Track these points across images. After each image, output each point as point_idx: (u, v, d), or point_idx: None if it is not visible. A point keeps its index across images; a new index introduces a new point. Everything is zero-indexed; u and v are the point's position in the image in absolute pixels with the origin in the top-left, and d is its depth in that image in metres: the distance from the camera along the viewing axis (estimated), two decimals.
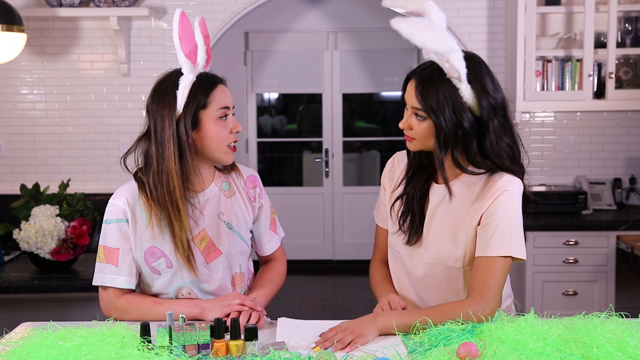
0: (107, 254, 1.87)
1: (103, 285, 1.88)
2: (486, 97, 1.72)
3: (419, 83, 1.73)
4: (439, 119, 1.70)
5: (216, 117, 1.82)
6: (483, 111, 1.72)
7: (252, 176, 2.01)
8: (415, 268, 1.87)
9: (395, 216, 1.90)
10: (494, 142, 1.74)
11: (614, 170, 4.40)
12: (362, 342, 1.61)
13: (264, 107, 6.74)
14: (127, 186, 1.90)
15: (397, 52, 6.24)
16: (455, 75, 1.68)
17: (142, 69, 4.36)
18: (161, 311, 1.82)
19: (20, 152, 4.45)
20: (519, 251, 1.74)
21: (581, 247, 3.85)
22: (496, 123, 1.73)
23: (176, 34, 1.82)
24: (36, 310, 3.09)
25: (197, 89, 1.81)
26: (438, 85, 1.70)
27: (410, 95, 1.75)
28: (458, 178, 1.82)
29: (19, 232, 2.92)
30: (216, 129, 1.82)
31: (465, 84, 1.70)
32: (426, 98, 1.71)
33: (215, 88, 1.84)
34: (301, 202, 6.49)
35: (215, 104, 1.82)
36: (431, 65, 1.74)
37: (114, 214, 1.87)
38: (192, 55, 1.83)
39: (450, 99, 1.70)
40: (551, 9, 4.15)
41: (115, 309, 1.87)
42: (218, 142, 1.83)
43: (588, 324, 1.57)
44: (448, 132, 1.71)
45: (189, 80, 1.82)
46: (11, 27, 3.64)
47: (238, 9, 4.26)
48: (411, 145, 1.81)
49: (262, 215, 2.02)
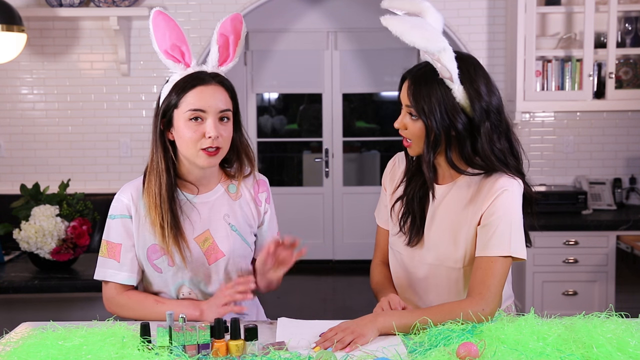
0: (109, 248, 1.87)
1: (105, 279, 1.88)
2: (478, 99, 1.71)
3: (412, 83, 1.73)
4: (429, 120, 1.70)
5: (185, 118, 1.78)
6: (475, 113, 1.71)
7: (261, 180, 2.00)
8: (416, 269, 1.87)
9: (396, 217, 1.90)
10: (485, 145, 1.73)
11: (614, 170, 4.40)
12: (362, 342, 1.60)
13: (264, 107, 6.74)
14: (133, 182, 1.91)
15: (397, 52, 6.24)
16: (447, 76, 1.68)
17: (142, 69, 4.36)
18: (162, 310, 1.82)
19: (20, 152, 4.45)
20: (519, 251, 1.74)
21: (581, 247, 3.85)
22: (487, 126, 1.72)
23: (151, 33, 1.82)
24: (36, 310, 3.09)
25: (176, 88, 1.81)
26: (430, 86, 1.70)
27: (404, 95, 1.76)
28: (457, 179, 1.82)
29: (19, 232, 2.92)
30: (185, 131, 1.79)
31: (457, 85, 1.69)
32: (418, 98, 1.71)
33: (192, 89, 1.79)
34: (301, 202, 6.49)
35: (185, 104, 1.79)
36: (426, 66, 1.74)
37: (118, 209, 1.88)
38: (174, 52, 1.82)
39: (443, 100, 1.70)
40: (551, 9, 4.15)
41: (117, 305, 1.88)
42: (187, 144, 1.80)
43: (588, 324, 1.57)
44: (438, 134, 1.71)
45: (174, 78, 1.83)
46: (11, 27, 3.64)
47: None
48: (411, 150, 1.81)
49: (268, 220, 2.01)
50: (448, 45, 1.64)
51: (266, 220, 2.01)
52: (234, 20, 1.89)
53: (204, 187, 1.90)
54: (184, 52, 1.84)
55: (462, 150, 1.74)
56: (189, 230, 1.86)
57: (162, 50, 1.83)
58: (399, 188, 1.91)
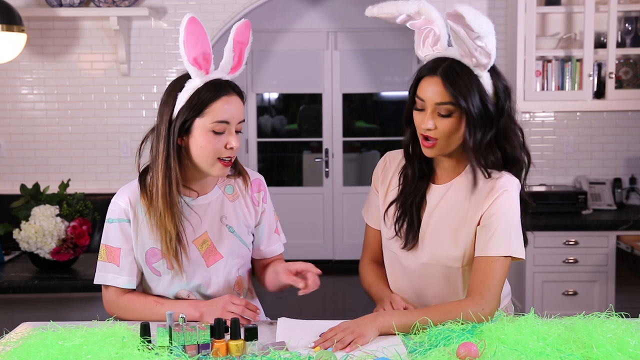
0: (108, 252, 1.87)
1: (105, 284, 1.88)
2: (500, 80, 1.75)
3: (444, 76, 1.71)
4: (469, 106, 1.69)
5: (209, 129, 1.76)
6: (500, 95, 1.75)
7: (257, 180, 1.99)
8: (412, 268, 1.86)
9: (390, 222, 1.88)
10: (508, 125, 1.76)
11: (614, 170, 4.40)
12: (362, 342, 1.60)
13: (264, 107, 6.74)
14: (129, 186, 1.90)
15: (397, 52, 6.24)
16: (484, 62, 1.69)
17: (142, 69, 4.36)
18: (162, 311, 1.82)
19: (20, 152, 4.45)
20: (519, 251, 1.74)
21: (581, 247, 3.85)
22: (508, 106, 1.76)
23: (181, 39, 1.76)
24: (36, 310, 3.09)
25: (198, 96, 1.76)
26: (463, 75, 1.71)
27: (431, 92, 1.72)
28: (456, 178, 1.82)
29: (19, 232, 2.92)
30: (206, 140, 1.76)
31: (486, 72, 1.72)
32: (456, 88, 1.70)
33: (217, 100, 1.76)
34: (301, 202, 6.49)
35: (211, 115, 1.76)
36: (445, 61, 1.73)
37: (116, 213, 1.87)
38: (201, 60, 1.77)
39: (476, 87, 1.71)
40: (551, 9, 4.15)
41: (117, 308, 1.88)
42: (206, 154, 1.78)
43: (588, 324, 1.57)
44: (476, 120, 1.71)
45: (194, 85, 1.78)
46: (11, 27, 3.64)
47: (238, 9, 4.26)
48: (432, 151, 1.77)
49: (265, 220, 2.01)
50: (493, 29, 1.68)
51: (263, 220, 2.00)
52: (248, 28, 1.87)
53: (200, 190, 1.90)
54: (209, 60, 1.80)
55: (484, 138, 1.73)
56: (188, 233, 1.86)
57: (190, 57, 1.76)
58: (391, 191, 1.90)
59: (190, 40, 1.76)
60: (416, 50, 1.84)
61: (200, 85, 1.77)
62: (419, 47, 1.83)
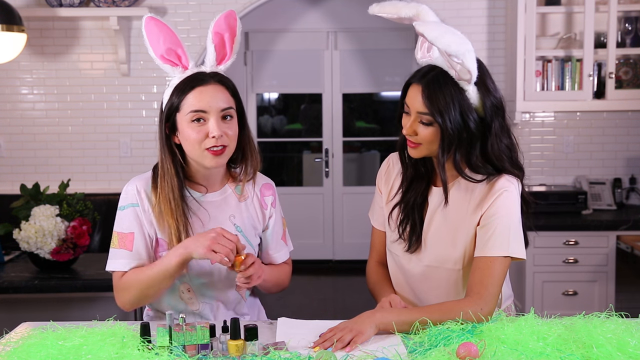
0: (120, 239, 1.87)
1: (115, 270, 1.87)
2: (489, 97, 1.72)
3: (426, 87, 1.70)
4: (445, 122, 1.68)
5: (188, 120, 1.79)
6: (487, 111, 1.72)
7: (267, 184, 2.01)
8: (415, 270, 1.86)
9: (394, 224, 1.89)
10: (494, 143, 1.74)
11: (614, 170, 4.40)
12: (362, 339, 1.60)
13: (264, 107, 6.74)
14: (141, 175, 1.92)
15: (397, 52, 6.24)
16: (467, 77, 1.67)
17: (142, 69, 4.36)
18: (154, 272, 1.79)
19: (20, 152, 4.45)
20: (518, 251, 1.74)
21: (581, 247, 3.85)
22: (497, 124, 1.74)
23: (145, 40, 1.82)
24: (36, 310, 3.08)
25: (175, 92, 1.81)
26: (445, 88, 1.69)
27: (414, 100, 1.73)
28: (456, 180, 1.82)
29: (19, 232, 2.92)
30: (189, 132, 1.79)
31: (472, 86, 1.70)
32: (433, 102, 1.69)
33: (191, 91, 1.79)
34: (301, 202, 6.49)
35: (186, 107, 1.79)
36: (433, 69, 1.73)
37: (127, 199, 1.88)
38: (170, 56, 1.82)
39: (458, 101, 1.69)
40: (551, 9, 4.15)
41: (121, 290, 1.86)
42: (192, 146, 1.80)
43: (588, 324, 1.57)
44: (452, 135, 1.70)
45: (173, 83, 1.84)
46: (11, 27, 3.64)
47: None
48: (415, 152, 1.78)
49: (273, 224, 2.01)
50: (472, 47, 1.65)
51: (271, 225, 2.01)
52: (228, 18, 1.88)
53: (211, 187, 1.91)
54: (180, 55, 1.84)
55: (471, 153, 1.73)
56: (196, 228, 1.86)
57: (157, 55, 1.83)
58: (396, 193, 1.90)
59: (152, 40, 1.82)
60: (416, 52, 1.84)
61: (179, 82, 1.82)
62: (418, 50, 1.84)
